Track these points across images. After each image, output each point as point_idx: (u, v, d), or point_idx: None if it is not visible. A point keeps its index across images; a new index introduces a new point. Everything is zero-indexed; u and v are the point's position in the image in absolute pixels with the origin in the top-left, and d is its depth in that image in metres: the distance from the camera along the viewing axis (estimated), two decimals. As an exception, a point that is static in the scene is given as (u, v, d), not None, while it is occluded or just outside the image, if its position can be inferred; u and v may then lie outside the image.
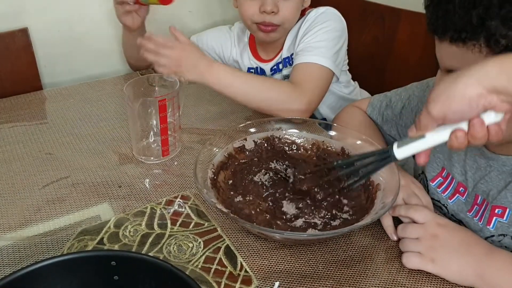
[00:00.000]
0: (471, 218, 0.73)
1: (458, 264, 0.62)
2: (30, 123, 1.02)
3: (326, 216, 0.73)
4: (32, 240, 0.70)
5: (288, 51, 1.13)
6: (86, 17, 1.26)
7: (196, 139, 0.97)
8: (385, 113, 0.92)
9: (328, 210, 0.74)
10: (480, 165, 0.73)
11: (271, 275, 0.65)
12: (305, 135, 0.86)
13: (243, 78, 0.99)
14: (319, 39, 1.04)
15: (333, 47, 1.04)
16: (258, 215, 0.73)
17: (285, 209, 0.74)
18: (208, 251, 0.68)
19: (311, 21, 1.07)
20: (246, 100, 0.98)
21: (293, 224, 0.71)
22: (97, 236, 0.71)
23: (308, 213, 0.73)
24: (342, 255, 0.69)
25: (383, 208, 0.67)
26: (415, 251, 0.65)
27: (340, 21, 1.08)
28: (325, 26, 1.05)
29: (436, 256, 0.63)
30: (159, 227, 0.73)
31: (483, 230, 0.71)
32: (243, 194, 0.77)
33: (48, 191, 0.81)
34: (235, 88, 0.96)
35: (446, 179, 0.78)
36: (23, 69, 1.20)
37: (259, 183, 0.80)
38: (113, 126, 1.01)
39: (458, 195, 0.76)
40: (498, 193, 0.69)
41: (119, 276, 0.55)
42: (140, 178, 0.85)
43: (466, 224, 0.74)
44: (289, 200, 0.76)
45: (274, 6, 1.03)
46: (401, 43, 1.27)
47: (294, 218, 0.72)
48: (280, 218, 0.72)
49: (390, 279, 0.65)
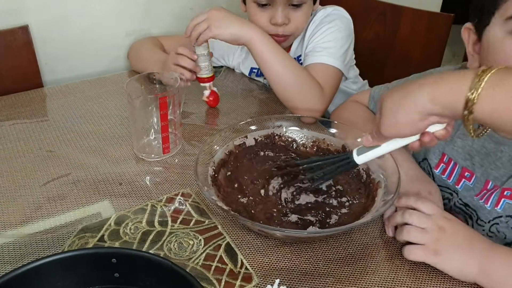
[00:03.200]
0: (477, 201, 0.73)
1: (461, 258, 0.62)
2: (30, 120, 1.02)
3: (322, 214, 0.73)
4: (33, 238, 0.70)
5: (295, 52, 1.12)
6: (87, 15, 1.26)
7: (197, 137, 0.97)
8: None
9: (326, 208, 0.74)
10: (489, 150, 0.72)
11: (271, 272, 0.65)
12: (306, 133, 0.86)
13: (285, 54, 0.96)
14: (329, 39, 1.03)
15: (342, 47, 1.04)
16: (259, 212, 0.73)
17: (285, 206, 0.74)
18: (209, 249, 0.68)
19: (318, 21, 1.07)
20: (276, 76, 0.95)
21: (293, 221, 0.71)
22: (98, 233, 0.71)
23: (309, 210, 0.73)
24: (343, 252, 0.69)
25: (384, 205, 0.67)
26: (420, 243, 0.64)
27: (347, 21, 1.08)
28: (332, 26, 1.04)
29: (440, 249, 0.63)
30: (159, 225, 0.73)
31: (491, 212, 0.71)
32: (244, 192, 0.77)
33: (48, 188, 0.81)
34: (273, 56, 0.94)
35: (449, 164, 0.78)
36: (24, 66, 1.19)
37: (259, 181, 0.80)
38: (114, 123, 1.01)
39: (465, 180, 0.75)
40: (508, 178, 0.69)
41: (120, 273, 0.55)
42: (141, 175, 0.85)
43: (473, 207, 0.74)
44: (290, 197, 0.76)
45: (285, 18, 1.01)
46: (403, 39, 1.27)
47: (294, 215, 0.72)
48: (280, 215, 0.72)
49: (391, 276, 0.65)
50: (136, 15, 1.33)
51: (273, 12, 1.01)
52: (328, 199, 0.75)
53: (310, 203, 0.75)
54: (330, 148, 0.83)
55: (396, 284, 0.63)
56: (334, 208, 0.74)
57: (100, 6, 1.27)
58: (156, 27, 1.35)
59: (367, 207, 0.71)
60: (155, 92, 0.90)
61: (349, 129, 0.84)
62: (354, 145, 0.81)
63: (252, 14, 1.05)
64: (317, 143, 0.85)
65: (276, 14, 1.00)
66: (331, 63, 1.01)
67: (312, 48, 1.04)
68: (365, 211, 0.70)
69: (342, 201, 0.75)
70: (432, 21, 1.20)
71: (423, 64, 1.21)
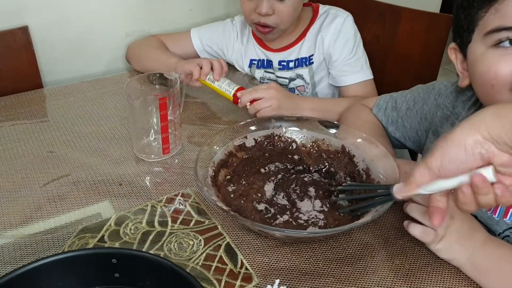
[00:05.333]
0: (485, 212, 0.73)
1: (457, 246, 0.63)
2: (30, 121, 1.02)
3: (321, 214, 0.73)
4: (33, 238, 0.70)
5: (307, 51, 1.14)
6: (87, 15, 1.26)
7: (197, 137, 0.97)
8: (390, 114, 0.91)
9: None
10: None
11: (271, 272, 0.65)
12: (306, 133, 0.86)
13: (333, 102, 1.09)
14: (360, 55, 1.13)
15: (363, 54, 1.14)
16: (259, 213, 0.73)
17: (286, 206, 0.74)
18: (209, 249, 0.68)
19: (337, 31, 1.11)
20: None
21: (292, 221, 0.72)
22: (98, 233, 0.71)
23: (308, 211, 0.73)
24: (343, 252, 0.69)
25: (384, 206, 0.67)
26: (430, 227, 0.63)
27: (355, 28, 1.14)
28: (352, 38, 1.12)
29: (446, 236, 0.63)
30: (159, 225, 0.73)
31: (499, 223, 0.71)
32: (244, 192, 0.77)
33: (49, 189, 0.81)
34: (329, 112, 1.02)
35: None
36: (24, 67, 1.19)
37: (259, 182, 0.80)
38: (113, 124, 1.01)
39: None
40: None
41: (120, 274, 0.56)
42: (141, 176, 0.85)
43: (480, 218, 0.74)
44: (290, 197, 0.76)
45: (269, 8, 1.03)
46: (402, 40, 1.26)
47: (293, 216, 0.72)
48: (282, 216, 0.72)
49: (390, 276, 0.65)
50: (136, 16, 1.33)
51: (258, 1, 1.04)
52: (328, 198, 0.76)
53: (308, 203, 0.75)
54: (329, 148, 0.84)
55: (396, 284, 0.64)
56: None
57: (100, 6, 1.27)
58: (156, 28, 1.35)
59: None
60: (155, 92, 0.90)
61: (348, 129, 0.84)
62: (354, 145, 0.81)
63: (241, 1, 1.08)
64: (317, 143, 0.85)
65: (261, 4, 1.03)
66: (367, 78, 1.12)
67: (342, 66, 1.11)
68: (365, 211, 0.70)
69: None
70: (431, 22, 1.20)
71: (422, 64, 1.22)
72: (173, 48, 1.23)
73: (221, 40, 1.22)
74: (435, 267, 0.66)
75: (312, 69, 1.15)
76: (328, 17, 1.12)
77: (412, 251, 0.69)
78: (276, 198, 0.76)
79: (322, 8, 1.16)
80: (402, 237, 0.71)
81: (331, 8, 1.15)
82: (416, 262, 0.67)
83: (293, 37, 1.15)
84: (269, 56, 1.18)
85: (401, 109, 0.90)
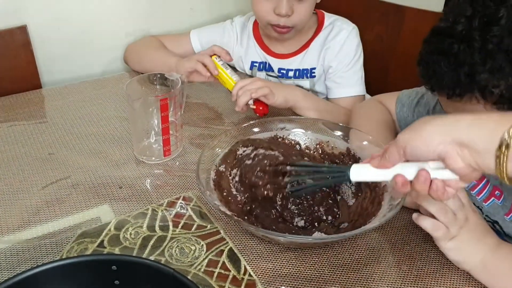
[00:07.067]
0: (510, 221, 0.72)
1: (469, 249, 0.62)
2: (29, 122, 1.00)
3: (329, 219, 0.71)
4: (31, 243, 0.69)
5: (310, 63, 1.13)
6: (86, 15, 1.24)
7: (199, 139, 0.95)
8: (416, 109, 0.88)
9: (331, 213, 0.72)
10: None
11: (275, 279, 0.64)
12: (310, 135, 0.84)
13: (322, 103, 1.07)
14: (357, 69, 1.11)
15: (360, 69, 1.13)
16: (263, 217, 0.71)
17: (290, 212, 0.73)
18: (211, 254, 0.67)
19: (340, 44, 1.09)
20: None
21: (297, 227, 0.70)
22: (97, 238, 0.69)
23: (311, 215, 0.72)
24: (349, 258, 0.67)
25: (391, 210, 0.65)
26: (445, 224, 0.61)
27: (359, 41, 1.13)
28: (352, 51, 1.10)
29: (458, 236, 0.62)
30: (160, 229, 0.71)
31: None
32: (247, 196, 0.75)
33: (47, 192, 0.79)
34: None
35: (481, 181, 0.76)
36: (22, 67, 1.18)
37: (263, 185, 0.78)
38: (113, 125, 0.99)
39: (494, 199, 0.74)
40: None
41: (120, 281, 0.54)
42: (141, 178, 0.83)
43: (501, 225, 0.73)
44: (294, 202, 0.74)
45: (289, 9, 1.01)
46: (405, 40, 1.25)
47: (298, 221, 0.71)
48: (285, 221, 0.71)
49: (398, 282, 0.63)
50: (135, 16, 1.31)
51: (277, 2, 1.01)
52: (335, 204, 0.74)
53: (312, 208, 0.73)
54: (334, 151, 0.82)
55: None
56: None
57: (100, 6, 1.25)
58: (156, 27, 1.34)
59: (374, 212, 0.69)
60: (156, 93, 0.88)
61: (353, 131, 0.82)
62: (359, 147, 0.80)
63: (255, 3, 1.05)
64: (321, 145, 0.83)
65: (280, 4, 1.01)
66: (360, 93, 1.10)
67: (337, 78, 1.10)
68: (372, 216, 0.68)
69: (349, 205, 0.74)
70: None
71: (427, 65, 1.20)
72: (172, 49, 1.21)
73: (221, 42, 1.20)
74: (444, 273, 0.65)
75: (313, 81, 1.14)
76: (334, 30, 1.11)
77: (420, 257, 0.67)
78: (282, 202, 0.74)
79: (328, 18, 1.14)
80: (410, 242, 0.70)
81: (337, 20, 1.13)
82: (424, 267, 0.66)
83: (296, 46, 1.14)
84: (270, 61, 1.17)
85: (428, 104, 0.86)
